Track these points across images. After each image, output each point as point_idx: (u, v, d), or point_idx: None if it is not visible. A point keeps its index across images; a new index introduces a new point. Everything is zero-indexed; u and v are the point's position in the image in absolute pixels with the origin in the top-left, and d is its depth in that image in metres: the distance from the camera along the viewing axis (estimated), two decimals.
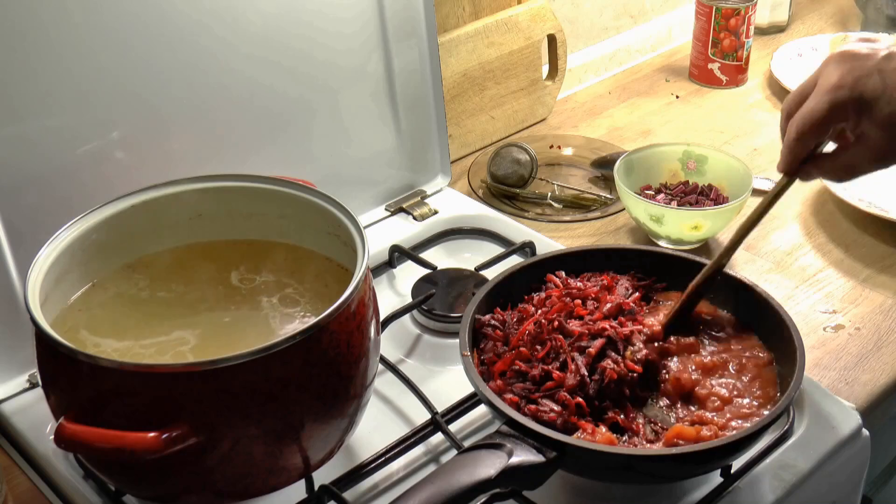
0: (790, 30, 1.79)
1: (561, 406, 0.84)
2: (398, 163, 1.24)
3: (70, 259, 0.86)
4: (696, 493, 0.88)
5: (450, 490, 0.73)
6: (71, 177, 0.96)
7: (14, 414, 0.96)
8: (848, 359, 1.05)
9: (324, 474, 0.86)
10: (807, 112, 0.85)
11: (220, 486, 0.79)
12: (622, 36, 1.69)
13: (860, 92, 0.83)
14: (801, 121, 0.86)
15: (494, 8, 1.43)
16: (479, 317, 0.93)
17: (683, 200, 1.22)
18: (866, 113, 0.83)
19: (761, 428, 0.81)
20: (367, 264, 0.82)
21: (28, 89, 0.92)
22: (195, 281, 0.93)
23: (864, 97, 0.83)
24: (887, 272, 1.18)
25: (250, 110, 1.08)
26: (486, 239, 1.22)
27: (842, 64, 0.84)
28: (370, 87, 1.18)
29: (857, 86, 0.83)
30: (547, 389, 0.85)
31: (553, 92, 1.51)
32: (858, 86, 0.83)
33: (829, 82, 0.84)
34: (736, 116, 1.52)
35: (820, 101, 0.84)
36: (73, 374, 0.76)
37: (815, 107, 0.85)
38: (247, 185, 0.93)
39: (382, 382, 0.98)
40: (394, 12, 1.16)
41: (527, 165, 1.32)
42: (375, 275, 1.15)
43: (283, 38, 1.07)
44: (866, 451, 0.97)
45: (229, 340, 0.87)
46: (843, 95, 0.83)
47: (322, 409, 0.80)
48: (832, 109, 0.84)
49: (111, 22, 0.95)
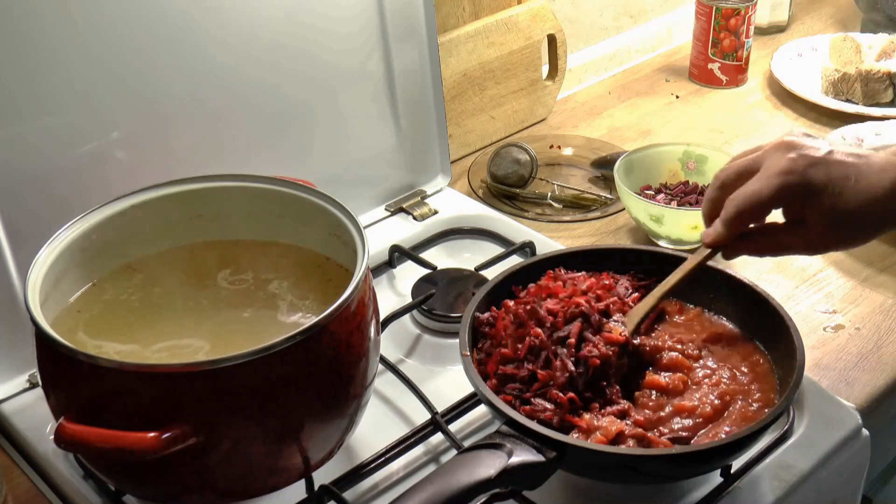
0: (790, 30, 1.79)
1: (554, 404, 0.84)
2: (398, 163, 1.24)
3: (70, 259, 0.86)
4: (696, 493, 0.88)
5: (450, 490, 0.73)
6: (71, 177, 0.96)
7: (14, 414, 0.96)
8: (848, 359, 1.05)
9: (324, 474, 0.86)
10: (752, 192, 0.86)
11: (220, 486, 0.79)
12: (622, 36, 1.69)
13: (809, 179, 0.85)
14: (745, 200, 0.86)
15: (494, 8, 1.43)
16: (478, 315, 0.93)
17: (683, 200, 1.22)
18: (810, 201, 0.85)
19: (761, 428, 0.81)
20: (367, 264, 0.82)
21: (28, 89, 0.92)
22: (195, 281, 0.92)
23: (812, 185, 0.85)
24: (887, 272, 1.18)
25: (250, 110, 1.08)
26: (486, 239, 1.22)
27: (790, 151, 0.86)
28: (370, 88, 1.18)
29: (807, 173, 0.85)
30: (536, 389, 0.85)
31: (553, 92, 1.51)
32: (808, 173, 0.85)
33: (777, 166, 0.85)
34: (736, 116, 1.52)
35: (768, 184, 0.85)
36: (73, 375, 0.76)
37: (762, 188, 0.86)
38: (247, 185, 0.93)
39: (382, 382, 0.98)
40: (394, 12, 1.16)
41: (527, 165, 1.32)
42: (375, 275, 1.15)
43: (283, 38, 1.07)
44: (866, 451, 0.97)
45: (229, 341, 0.87)
46: (792, 180, 0.85)
47: (322, 409, 0.80)
48: (779, 192, 0.85)
49: (112, 22, 0.95)
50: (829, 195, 0.85)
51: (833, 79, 1.52)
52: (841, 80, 1.52)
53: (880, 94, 1.50)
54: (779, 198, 0.86)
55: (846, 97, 1.52)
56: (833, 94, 1.53)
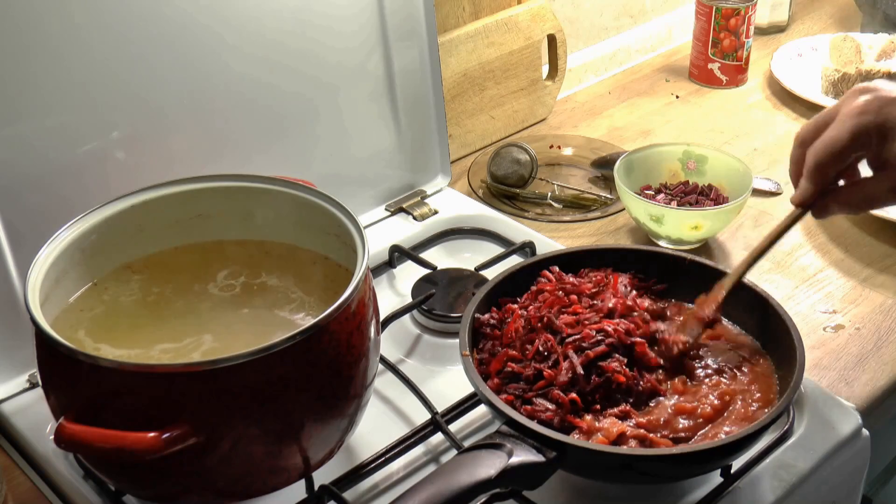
0: (790, 30, 1.79)
1: (556, 405, 0.84)
2: (398, 163, 1.24)
3: (70, 259, 0.86)
4: (696, 493, 0.88)
5: (450, 490, 0.73)
6: (71, 177, 0.96)
7: (14, 414, 0.96)
8: (848, 359, 1.05)
9: (324, 474, 0.86)
10: (829, 139, 0.84)
11: (220, 486, 0.79)
12: (622, 36, 1.69)
13: (885, 118, 0.82)
14: (822, 148, 0.84)
15: (494, 8, 1.43)
16: (478, 315, 0.93)
17: (683, 200, 1.22)
18: (890, 140, 0.82)
19: (761, 428, 0.81)
20: (367, 264, 0.82)
21: (28, 90, 0.92)
22: (195, 281, 0.92)
23: (889, 123, 0.82)
24: (887, 272, 1.18)
25: (250, 110, 1.08)
26: (486, 239, 1.22)
27: (864, 93, 0.83)
28: (370, 87, 1.18)
29: (882, 112, 0.82)
30: (539, 388, 0.85)
31: (553, 92, 1.51)
32: (883, 112, 0.82)
33: (852, 108, 0.83)
34: (736, 116, 1.52)
35: (843, 127, 0.83)
36: (73, 375, 0.76)
37: (838, 133, 0.83)
38: (247, 185, 0.93)
39: (382, 382, 0.98)
40: (394, 12, 1.16)
41: (527, 165, 1.32)
42: (375, 275, 1.15)
43: (284, 38, 1.07)
44: (866, 452, 0.97)
45: (229, 341, 0.87)
46: (867, 120, 0.82)
47: (322, 409, 0.80)
48: (856, 135, 0.82)
49: (112, 22, 0.95)
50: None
51: (833, 79, 1.52)
52: (841, 80, 1.52)
53: None
54: (856, 140, 0.83)
55: None
56: (833, 94, 1.53)
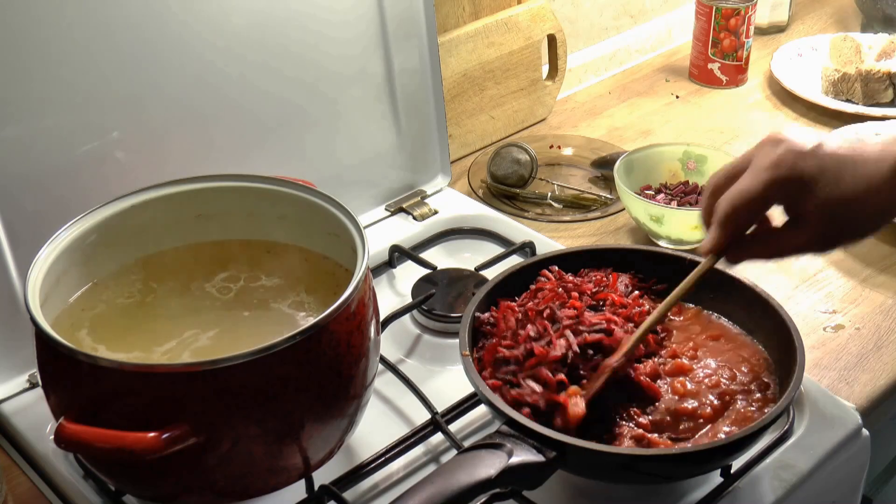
0: (790, 30, 1.79)
1: (542, 386, 0.83)
2: (398, 163, 1.24)
3: (70, 259, 0.86)
4: (696, 493, 0.88)
5: (450, 490, 0.73)
6: (70, 177, 0.96)
7: (14, 414, 0.96)
8: (848, 359, 1.05)
9: (324, 474, 0.86)
10: (743, 189, 0.83)
11: (220, 486, 0.79)
12: (622, 36, 1.69)
13: (800, 171, 0.81)
14: (736, 198, 0.83)
15: (494, 8, 1.43)
16: (478, 315, 0.93)
17: (683, 200, 1.22)
18: (805, 194, 0.81)
19: (761, 428, 0.81)
20: (367, 264, 0.82)
21: (27, 91, 0.92)
22: (195, 281, 0.93)
23: (804, 177, 0.81)
24: (887, 272, 1.18)
25: (250, 110, 1.08)
26: (486, 239, 1.22)
27: (778, 145, 0.82)
28: (370, 88, 1.18)
29: (797, 165, 0.81)
30: (531, 366, 0.84)
31: (553, 92, 1.51)
32: (798, 165, 0.81)
33: (765, 161, 0.82)
34: (736, 116, 1.52)
35: (757, 179, 0.82)
36: (73, 374, 0.76)
37: (751, 184, 0.82)
38: (247, 185, 0.93)
39: (382, 382, 0.98)
40: (394, 12, 1.16)
41: (527, 165, 1.32)
42: (375, 275, 1.15)
43: (283, 39, 1.07)
44: (866, 451, 0.97)
45: (229, 341, 0.87)
46: (781, 174, 0.81)
47: (322, 409, 0.80)
48: (770, 187, 0.81)
49: (110, 24, 0.95)
50: (824, 187, 0.81)
51: (833, 79, 1.52)
52: (841, 80, 1.52)
53: (880, 94, 1.50)
54: (769, 192, 0.82)
55: (846, 97, 1.52)
56: (833, 94, 1.53)
